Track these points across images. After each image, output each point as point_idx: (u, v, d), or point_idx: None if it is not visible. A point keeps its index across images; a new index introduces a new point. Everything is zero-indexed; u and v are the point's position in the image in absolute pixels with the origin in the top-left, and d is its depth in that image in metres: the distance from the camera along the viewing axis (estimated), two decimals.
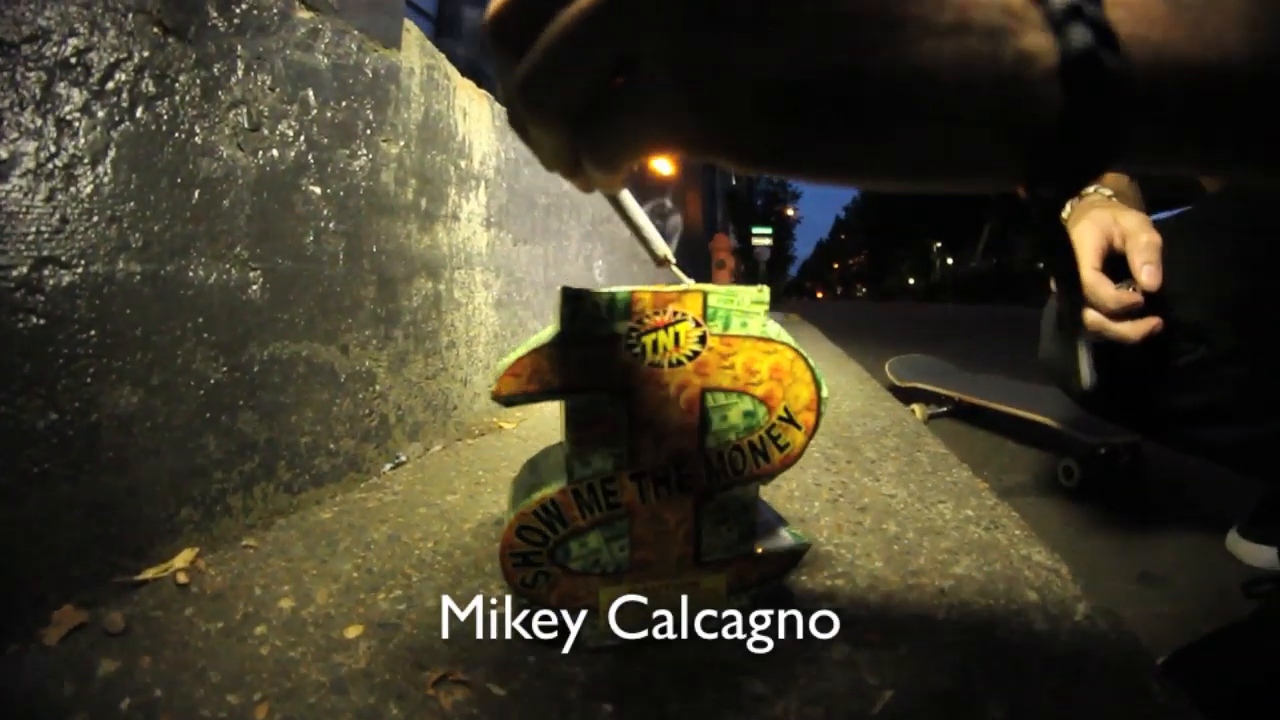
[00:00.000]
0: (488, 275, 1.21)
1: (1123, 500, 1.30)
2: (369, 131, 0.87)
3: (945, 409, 2.01)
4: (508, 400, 0.38)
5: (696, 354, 0.39)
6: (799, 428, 0.42)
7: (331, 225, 0.81)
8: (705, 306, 0.39)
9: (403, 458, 0.92)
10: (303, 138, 0.76)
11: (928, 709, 0.40)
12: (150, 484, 0.59)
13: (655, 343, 0.38)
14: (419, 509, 0.74)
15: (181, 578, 0.58)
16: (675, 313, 0.38)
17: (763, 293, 0.40)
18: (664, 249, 0.39)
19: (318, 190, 0.78)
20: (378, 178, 0.89)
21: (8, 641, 0.47)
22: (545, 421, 1.23)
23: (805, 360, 0.41)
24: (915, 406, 1.94)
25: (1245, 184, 0.62)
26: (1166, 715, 0.40)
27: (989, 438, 1.82)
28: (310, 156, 0.77)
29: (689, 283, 0.41)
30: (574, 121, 0.22)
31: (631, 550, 0.42)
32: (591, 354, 0.38)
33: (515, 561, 0.41)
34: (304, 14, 0.75)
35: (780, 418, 0.41)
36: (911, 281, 41.14)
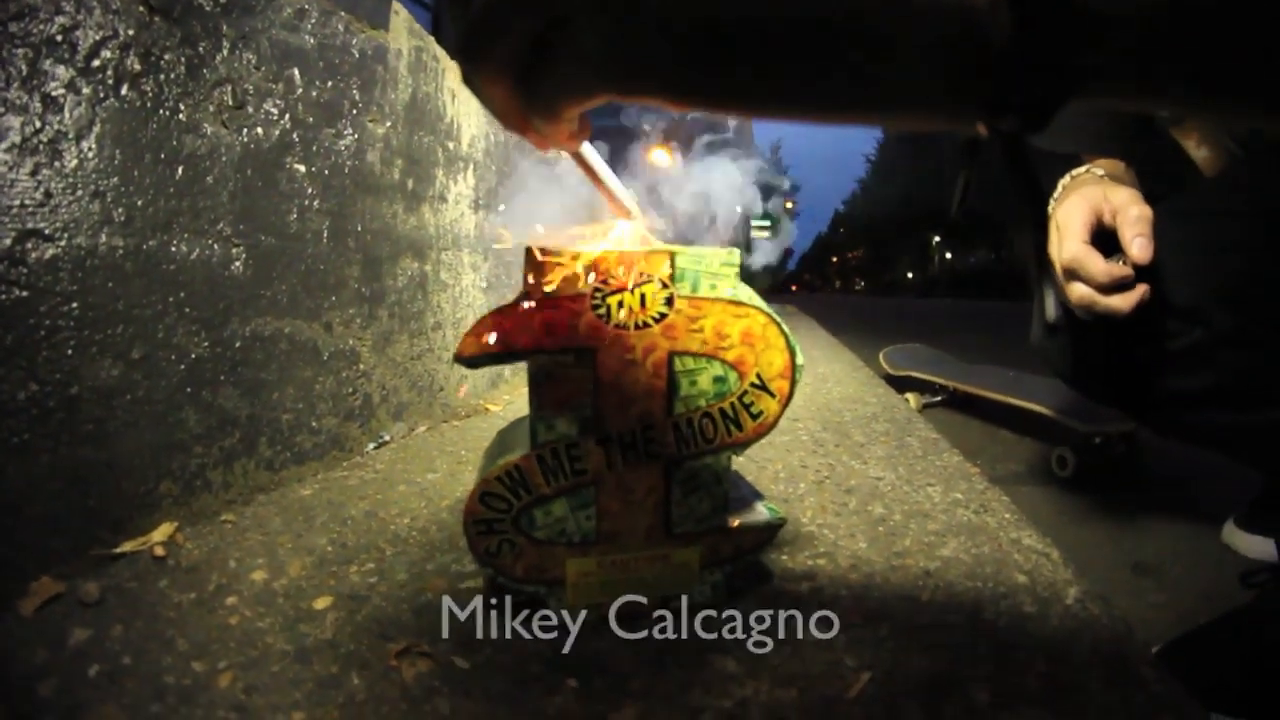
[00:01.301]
0: (476, 257, 1.20)
1: (1117, 490, 1.29)
2: (355, 111, 0.86)
3: (940, 398, 2.00)
4: (470, 362, 0.37)
5: (664, 316, 0.38)
6: (773, 395, 0.41)
7: (316, 204, 0.80)
8: (673, 267, 0.38)
9: (386, 437, 0.91)
10: (288, 116, 0.75)
11: (908, 692, 0.39)
12: (129, 457, 0.58)
13: (621, 303, 0.37)
14: (399, 486, 0.74)
15: (159, 551, 0.57)
16: (641, 273, 0.37)
17: (733, 254, 0.39)
18: (630, 205, 0.38)
19: (302, 168, 0.77)
20: (363, 157, 0.88)
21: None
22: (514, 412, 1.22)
23: (778, 325, 0.40)
24: (910, 395, 1.93)
25: (1202, 118, 0.61)
26: (1159, 702, 0.39)
27: (983, 427, 1.81)
28: (295, 135, 0.76)
29: (656, 242, 0.40)
30: (515, 74, 0.24)
31: (598, 520, 0.41)
32: (555, 314, 0.37)
33: (479, 529, 0.40)
34: None
35: (753, 384, 0.40)
36: (910, 275, 41.03)
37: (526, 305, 0.36)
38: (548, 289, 0.36)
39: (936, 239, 36.54)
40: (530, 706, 0.37)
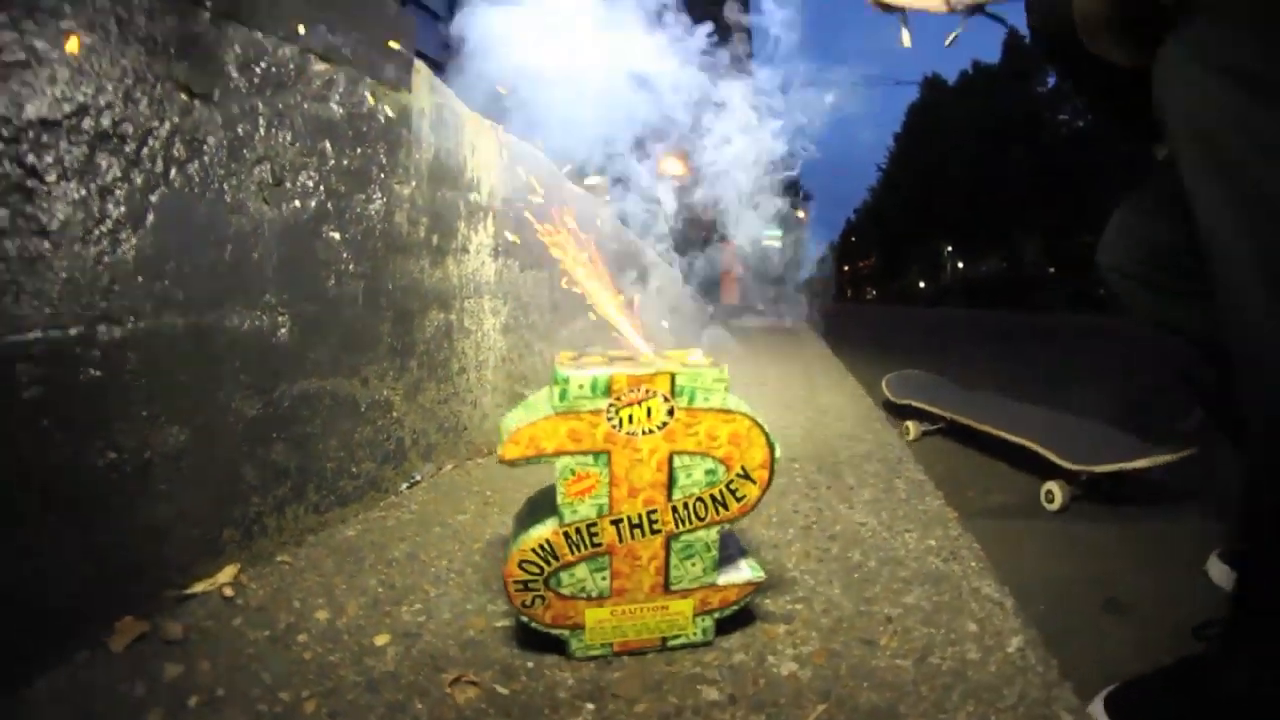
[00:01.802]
0: (495, 302, 1.31)
1: (1101, 527, 1.38)
2: (383, 175, 0.97)
3: (938, 426, 2.09)
4: (512, 464, 0.48)
5: (666, 424, 0.49)
6: (754, 482, 0.52)
7: (351, 268, 0.91)
8: (674, 385, 0.49)
9: (418, 477, 1.02)
10: (322, 187, 0.86)
11: None
12: (196, 509, 0.69)
13: (631, 416, 0.48)
14: (434, 528, 0.85)
15: (227, 591, 0.68)
16: (648, 390, 0.48)
17: (723, 372, 0.50)
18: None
19: (337, 236, 0.88)
20: (392, 219, 0.99)
21: (78, 648, 0.57)
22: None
23: (760, 427, 0.51)
24: (909, 424, 2.02)
25: None
26: None
27: (979, 456, 1.90)
28: (329, 204, 0.87)
29: (658, 361, 0.51)
30: None
31: (611, 580, 0.52)
32: (578, 424, 0.48)
33: (517, 588, 0.51)
34: (320, 66, 0.85)
35: (738, 474, 0.51)
36: (922, 285, 41.11)
37: (555, 419, 0.47)
38: (571, 406, 0.48)
39: (949, 248, 36.67)
40: None
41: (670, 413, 0.49)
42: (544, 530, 0.50)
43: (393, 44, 0.99)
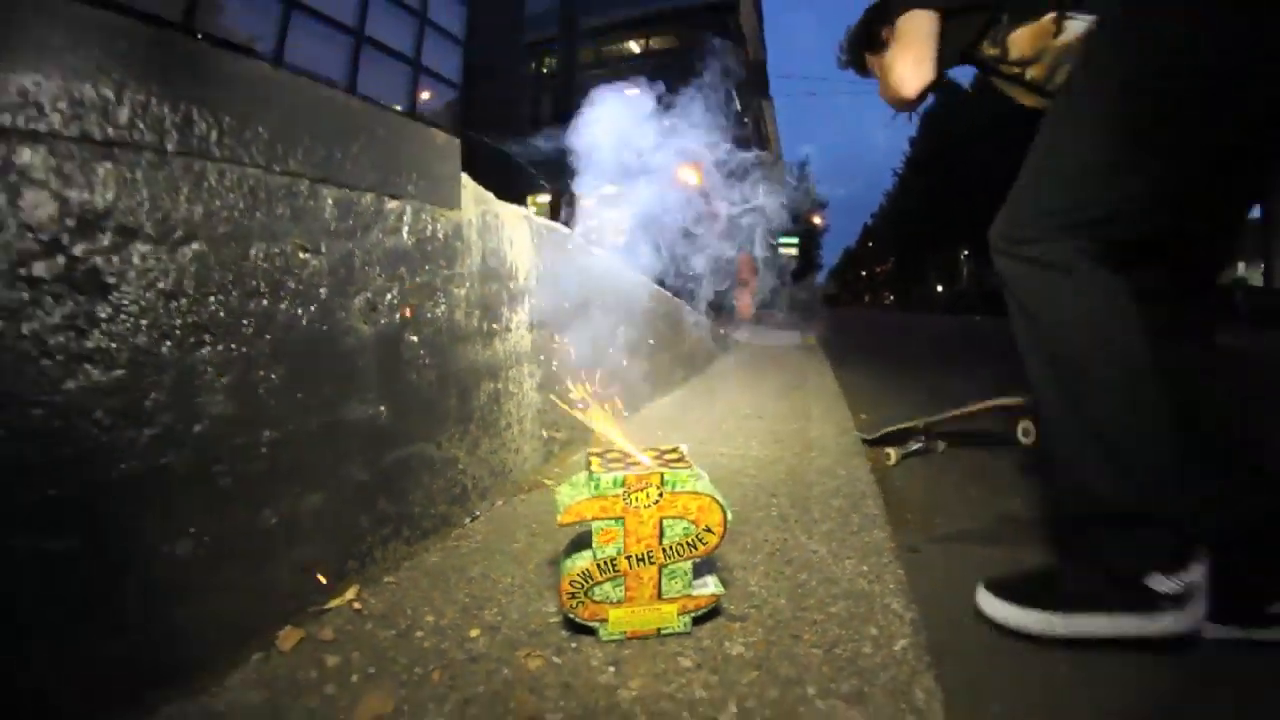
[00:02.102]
0: (532, 367, 1.63)
1: (1041, 547, 1.67)
2: (445, 284, 1.30)
3: (917, 447, 2.36)
4: (566, 526, 0.80)
5: (658, 501, 0.81)
6: (714, 533, 0.84)
7: (425, 361, 1.23)
8: (663, 479, 0.81)
9: (478, 513, 1.34)
10: (401, 303, 1.18)
11: (767, 687, 0.80)
12: (329, 548, 1.01)
13: (637, 498, 0.80)
14: (496, 554, 1.17)
15: (355, 605, 1.00)
16: (647, 483, 0.80)
17: (695, 469, 0.81)
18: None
19: (415, 338, 1.21)
20: (453, 316, 1.32)
21: (256, 650, 0.88)
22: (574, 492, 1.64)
23: (718, 501, 0.83)
24: (890, 450, 2.29)
25: None
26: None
27: (954, 484, 2.19)
28: (407, 313, 1.19)
29: (654, 466, 0.83)
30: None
31: (625, 592, 0.84)
32: (605, 503, 0.80)
33: (567, 596, 0.83)
34: (392, 204, 1.17)
35: (704, 529, 0.83)
36: (940, 289, 41.36)
37: (589, 501, 0.79)
38: (601, 491, 0.79)
39: (965, 253, 36.82)
40: (592, 679, 0.79)
41: (660, 495, 0.81)
42: (583, 562, 0.82)
43: (444, 171, 1.31)
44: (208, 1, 0.90)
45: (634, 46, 28.35)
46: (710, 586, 0.88)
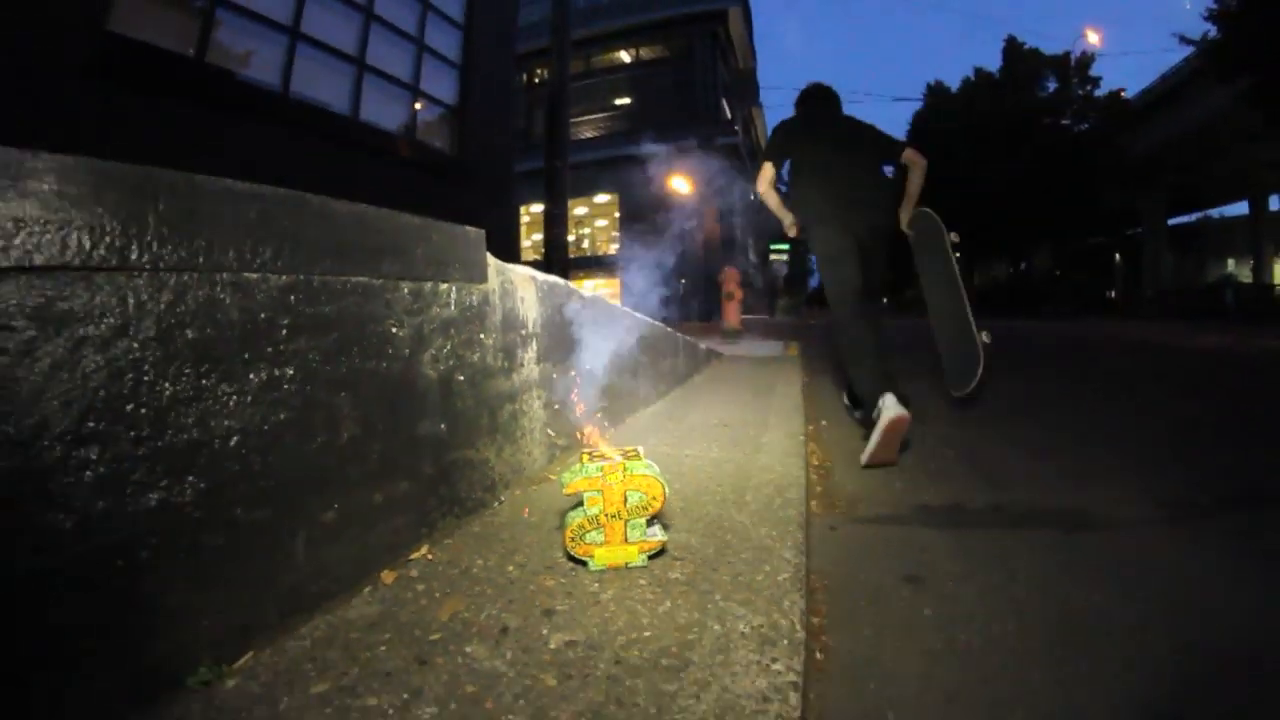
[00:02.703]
0: (540, 391, 2.18)
1: (931, 524, 2.22)
2: (479, 337, 1.84)
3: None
4: (569, 495, 1.35)
5: (622, 479, 1.36)
6: (657, 500, 1.39)
7: (468, 391, 1.78)
8: (626, 467, 1.36)
9: (502, 498, 1.89)
10: (453, 356, 1.73)
11: (687, 603, 1.35)
12: (411, 520, 1.56)
13: (611, 477, 1.35)
14: (518, 524, 1.71)
15: (429, 556, 1.55)
16: (617, 468, 1.35)
17: (646, 462, 1.36)
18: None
19: (462, 378, 1.76)
20: (485, 360, 1.86)
21: (365, 585, 1.42)
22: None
23: (659, 480, 1.38)
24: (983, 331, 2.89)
25: None
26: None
27: (882, 480, 2.75)
28: (455, 362, 1.74)
29: (619, 458, 1.38)
30: None
31: (604, 537, 1.39)
32: (592, 482, 1.35)
33: (569, 540, 1.38)
34: (444, 286, 1.72)
35: (652, 498, 1.38)
36: None
37: (579, 477, 1.34)
38: (588, 473, 1.34)
39: (957, 255, 37.56)
40: (585, 589, 1.33)
41: (624, 475, 1.36)
42: (579, 518, 1.38)
43: (475, 257, 1.86)
44: (220, 37, 1.44)
45: (624, 56, 28.86)
46: (658, 534, 1.44)
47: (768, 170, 3.31)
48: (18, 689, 0.88)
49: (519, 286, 2.07)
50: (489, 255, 1.94)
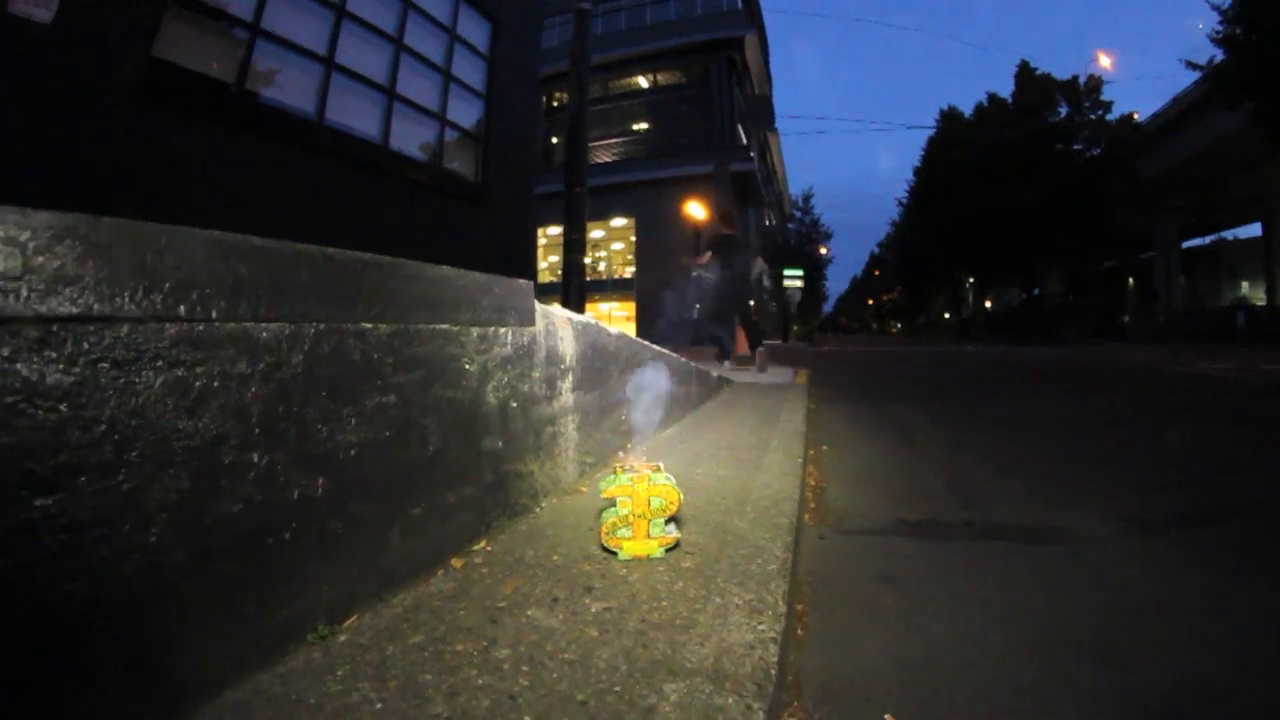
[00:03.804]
0: (575, 415, 2.58)
1: (907, 536, 2.59)
2: (528, 371, 2.25)
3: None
4: (606, 498, 1.74)
5: (648, 487, 1.75)
6: (673, 504, 1.79)
7: (519, 416, 2.18)
8: (650, 479, 1.75)
9: (543, 505, 2.28)
10: (507, 384, 2.13)
11: (694, 583, 1.73)
12: (474, 517, 1.96)
13: (639, 484, 1.75)
14: (558, 525, 2.10)
15: (489, 548, 1.94)
16: (644, 478, 1.74)
17: (665, 474, 1.75)
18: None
19: (515, 404, 2.16)
20: (532, 390, 2.27)
21: (438, 570, 1.81)
22: (596, 493, 2.58)
23: (675, 488, 1.78)
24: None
25: None
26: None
27: (871, 499, 3.12)
28: (511, 391, 2.14)
29: (645, 470, 1.77)
30: None
31: (631, 533, 1.78)
32: (624, 488, 1.74)
33: (605, 534, 1.77)
34: (502, 330, 2.13)
35: (669, 502, 1.78)
36: (947, 316, 42.42)
37: (611, 487, 1.74)
38: (620, 483, 1.74)
39: (971, 280, 37.85)
40: (614, 572, 1.72)
41: (649, 484, 1.75)
42: (612, 517, 1.77)
43: (526, 304, 2.27)
44: (259, 69, 1.86)
45: (642, 81, 29.50)
46: (674, 532, 1.83)
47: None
48: (203, 622, 1.28)
49: (559, 327, 2.48)
50: (535, 301, 2.35)
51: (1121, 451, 4.19)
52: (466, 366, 1.91)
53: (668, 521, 1.85)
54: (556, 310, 2.52)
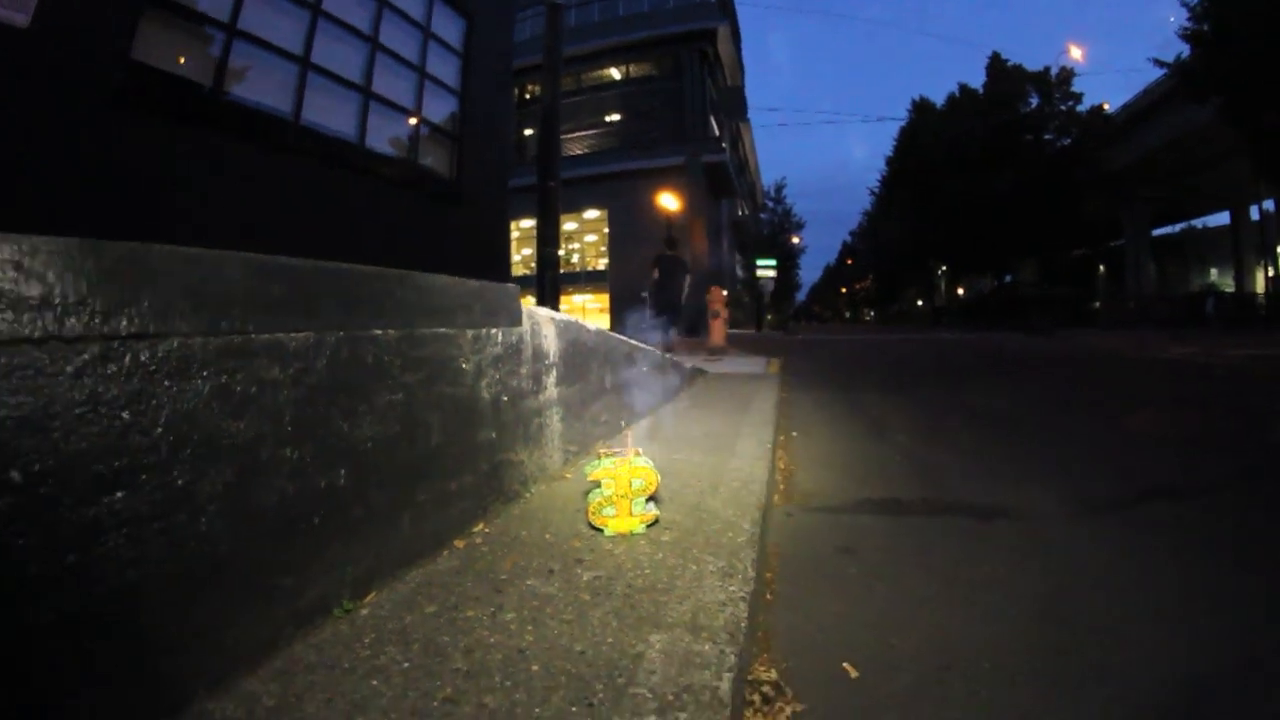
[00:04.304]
0: (559, 408, 2.80)
1: (870, 512, 2.85)
2: (517, 368, 2.46)
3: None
4: (592, 481, 1.96)
5: (629, 468, 1.98)
6: (651, 484, 2.02)
7: (509, 409, 2.40)
8: (631, 461, 1.98)
9: (532, 490, 2.50)
10: (499, 380, 2.35)
11: (672, 554, 1.96)
12: (471, 504, 2.17)
13: (621, 467, 1.97)
14: (547, 508, 2.33)
15: (486, 530, 2.16)
16: (625, 461, 1.97)
17: (643, 458, 1.98)
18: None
19: (506, 398, 2.38)
20: (520, 386, 2.48)
21: (443, 550, 2.03)
22: (580, 479, 2.80)
23: (653, 470, 2.01)
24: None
25: None
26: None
27: (836, 479, 3.37)
28: (502, 386, 2.36)
29: (629, 455, 2.00)
30: None
31: (615, 511, 2.01)
32: (607, 471, 1.97)
33: (591, 513, 2.00)
34: (494, 330, 2.34)
35: (648, 483, 2.01)
36: (920, 304, 43.18)
37: (601, 469, 1.96)
38: (603, 466, 1.97)
39: (943, 268, 38.53)
40: (601, 547, 1.95)
41: (630, 466, 1.98)
42: (598, 497, 2.00)
43: (514, 307, 2.48)
44: (232, 68, 2.06)
45: (614, 73, 29.59)
46: (653, 509, 2.06)
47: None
48: (246, 601, 1.48)
49: (543, 325, 2.69)
50: (520, 302, 2.56)
51: (1081, 436, 4.50)
52: (463, 365, 2.12)
53: (648, 500, 2.07)
54: (540, 310, 2.73)
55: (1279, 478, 3.30)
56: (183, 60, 4.89)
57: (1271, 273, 26.51)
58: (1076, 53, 31.64)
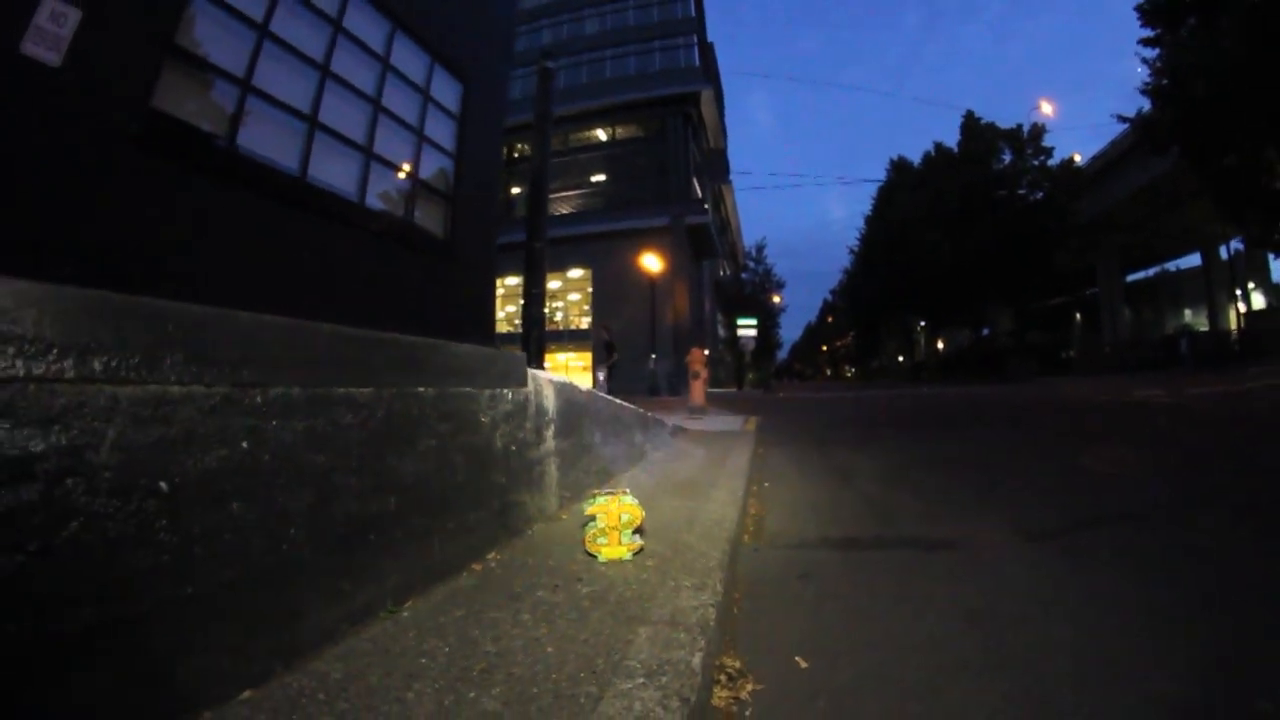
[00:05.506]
0: (556, 458, 3.28)
1: (831, 551, 3.32)
2: (523, 422, 2.95)
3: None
4: (587, 515, 2.44)
5: (620, 506, 2.45)
6: (637, 519, 2.49)
7: (517, 457, 2.88)
8: (621, 499, 2.45)
9: (534, 528, 2.95)
10: (509, 433, 2.83)
11: (655, 574, 2.43)
12: (484, 537, 2.63)
13: (611, 505, 2.45)
14: (547, 541, 2.79)
15: (499, 557, 2.61)
16: (616, 500, 2.45)
17: (631, 497, 2.46)
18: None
19: (514, 448, 2.86)
20: (525, 438, 2.97)
21: (463, 571, 2.48)
22: (575, 519, 3.26)
23: (639, 507, 2.49)
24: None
25: None
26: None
27: (802, 521, 3.84)
28: (511, 438, 2.84)
29: (619, 495, 2.48)
30: None
31: (607, 541, 2.48)
32: (602, 506, 2.44)
33: (588, 541, 2.47)
34: (504, 390, 2.84)
35: (635, 517, 2.48)
36: (900, 359, 44.22)
37: (596, 505, 2.44)
38: (598, 503, 2.45)
39: (922, 323, 39.62)
40: (596, 570, 2.41)
41: (620, 504, 2.46)
42: (593, 529, 2.47)
43: (520, 371, 2.98)
44: (246, 118, 2.57)
45: (600, 135, 30.65)
46: (639, 540, 2.53)
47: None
48: (316, 598, 1.93)
49: (544, 386, 3.18)
50: (526, 367, 3.06)
51: (1035, 474, 5.00)
52: (482, 419, 2.61)
53: (634, 532, 2.55)
54: (541, 373, 3.23)
55: (1200, 504, 3.80)
56: (205, 116, 5.44)
57: (1244, 309, 27.48)
58: (1048, 109, 33.08)
